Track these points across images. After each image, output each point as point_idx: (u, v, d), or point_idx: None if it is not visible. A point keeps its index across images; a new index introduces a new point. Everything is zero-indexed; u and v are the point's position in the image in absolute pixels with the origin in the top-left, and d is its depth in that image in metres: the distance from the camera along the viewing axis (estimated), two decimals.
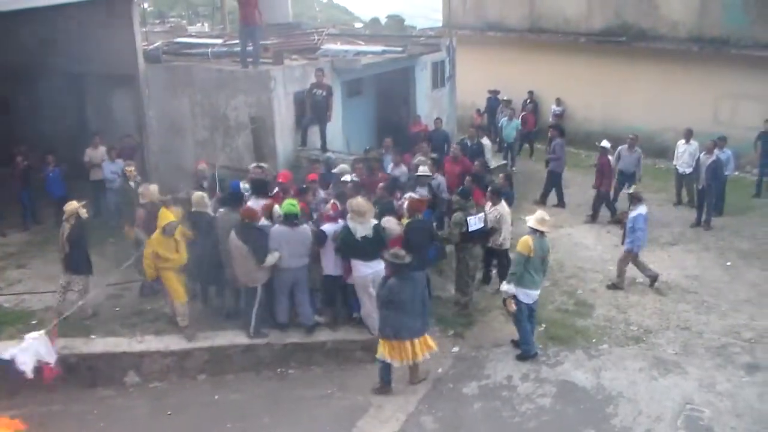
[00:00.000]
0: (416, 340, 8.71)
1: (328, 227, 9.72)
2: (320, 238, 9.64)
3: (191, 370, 9.62)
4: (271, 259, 9.31)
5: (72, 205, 10.12)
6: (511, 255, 10.57)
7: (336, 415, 8.65)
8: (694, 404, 8.65)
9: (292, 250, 9.46)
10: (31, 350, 8.14)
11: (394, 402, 8.80)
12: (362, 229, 9.32)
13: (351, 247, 9.40)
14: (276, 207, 10.05)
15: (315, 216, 10.53)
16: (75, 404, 8.57)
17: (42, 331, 8.45)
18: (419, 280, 8.83)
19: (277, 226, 9.69)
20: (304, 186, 11.10)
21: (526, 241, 9.39)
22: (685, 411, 8.52)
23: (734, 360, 9.64)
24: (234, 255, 9.43)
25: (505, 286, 9.64)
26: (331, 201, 10.34)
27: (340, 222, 9.70)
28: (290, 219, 9.52)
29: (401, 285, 8.53)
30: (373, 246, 9.34)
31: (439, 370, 9.51)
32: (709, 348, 9.96)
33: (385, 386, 8.98)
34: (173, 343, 9.71)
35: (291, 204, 9.62)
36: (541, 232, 9.45)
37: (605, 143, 15.03)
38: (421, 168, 12.07)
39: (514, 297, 9.48)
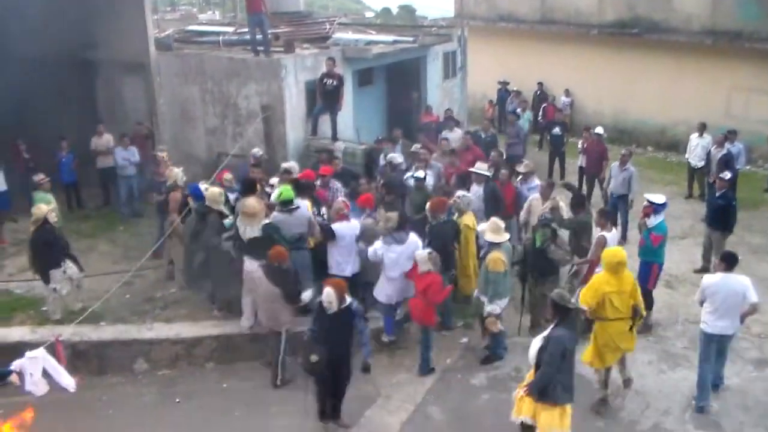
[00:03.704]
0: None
1: (338, 226, 9.63)
2: (328, 233, 9.63)
3: (200, 358, 9.67)
4: (307, 295, 8.75)
5: (40, 210, 9.85)
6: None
7: (345, 405, 8.65)
8: None
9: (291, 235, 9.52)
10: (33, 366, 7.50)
11: (402, 392, 8.83)
12: (251, 230, 9.28)
13: (241, 244, 9.38)
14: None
15: (324, 212, 10.50)
16: (84, 391, 8.59)
17: (42, 349, 7.65)
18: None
19: (275, 213, 9.72)
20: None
21: (498, 258, 8.86)
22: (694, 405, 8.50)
23: (743, 355, 9.60)
24: (262, 298, 8.93)
25: (491, 306, 8.98)
26: (341, 199, 10.13)
27: (352, 221, 9.68)
28: (286, 205, 9.58)
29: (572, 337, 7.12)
30: (261, 245, 9.02)
31: (448, 361, 9.52)
32: None
33: None
34: (183, 330, 9.76)
35: (286, 189, 9.69)
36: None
37: (599, 129, 15.19)
38: (478, 164, 11.51)
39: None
